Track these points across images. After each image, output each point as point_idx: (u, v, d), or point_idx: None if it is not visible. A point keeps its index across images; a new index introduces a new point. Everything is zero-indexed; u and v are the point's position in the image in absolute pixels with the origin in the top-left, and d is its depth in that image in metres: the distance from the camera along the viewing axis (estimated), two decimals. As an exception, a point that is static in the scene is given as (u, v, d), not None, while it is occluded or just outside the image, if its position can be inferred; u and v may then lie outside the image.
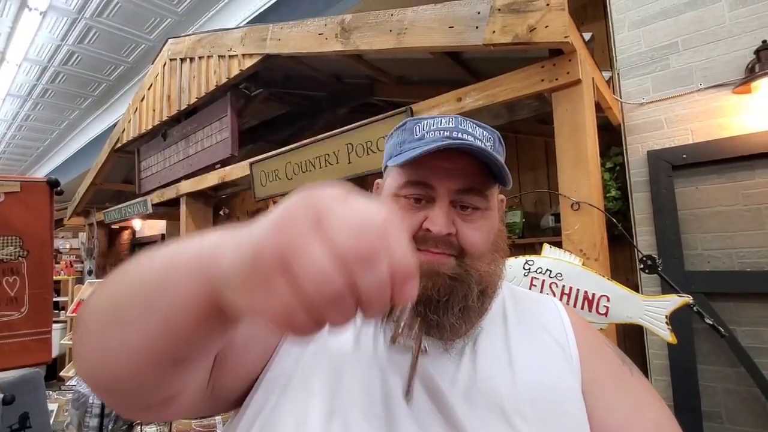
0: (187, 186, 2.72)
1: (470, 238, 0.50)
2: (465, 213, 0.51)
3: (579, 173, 1.19)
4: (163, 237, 4.76)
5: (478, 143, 0.50)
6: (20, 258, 0.76)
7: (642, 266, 1.11)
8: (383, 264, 0.24)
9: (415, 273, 0.26)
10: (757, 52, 1.62)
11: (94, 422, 2.20)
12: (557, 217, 2.41)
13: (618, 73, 1.98)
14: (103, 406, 2.22)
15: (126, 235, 5.67)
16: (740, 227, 1.71)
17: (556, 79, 1.28)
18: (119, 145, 3.32)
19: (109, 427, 2.21)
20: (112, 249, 5.41)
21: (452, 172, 0.50)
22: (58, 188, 0.86)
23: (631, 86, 1.95)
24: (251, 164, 2.16)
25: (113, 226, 5.27)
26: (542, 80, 1.31)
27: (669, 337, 1.07)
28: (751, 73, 1.62)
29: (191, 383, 0.42)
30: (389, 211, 0.26)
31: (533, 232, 2.66)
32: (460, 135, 0.51)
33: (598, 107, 1.66)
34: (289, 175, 1.95)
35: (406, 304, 0.26)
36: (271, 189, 2.06)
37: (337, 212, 0.24)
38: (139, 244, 5.18)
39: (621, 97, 1.96)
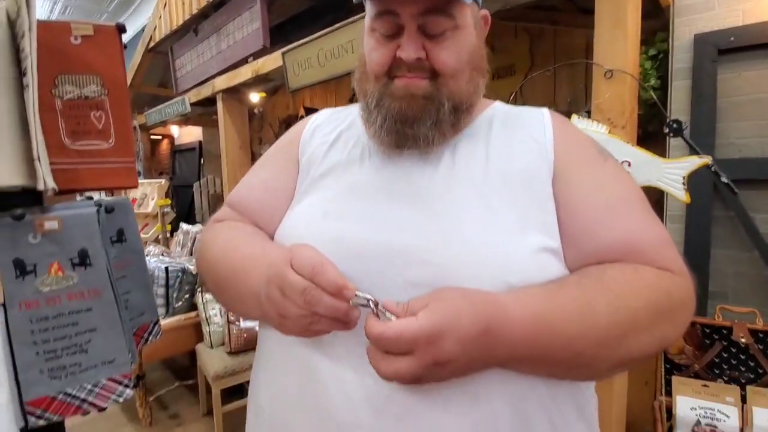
0: (222, 82, 2.78)
1: (440, 58, 0.52)
2: (434, 34, 0.52)
3: (616, 37, 1.17)
4: (200, 144, 4.95)
5: None
6: (103, 96, 0.86)
7: (667, 130, 1.14)
8: (323, 298, 0.43)
9: (344, 285, 0.43)
10: None
11: (161, 291, 2.55)
12: (589, 113, 2.37)
13: (675, -55, 1.81)
14: (167, 278, 2.56)
15: (165, 144, 5.92)
16: (777, 114, 1.66)
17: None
18: (152, 43, 3.35)
19: (174, 296, 2.56)
20: (155, 157, 5.70)
21: None
22: (125, 35, 0.94)
23: (687, -41, 1.78)
24: (283, 54, 2.18)
25: (153, 136, 5.50)
26: (587, -61, 1.24)
27: (683, 196, 1.14)
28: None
29: None
30: (316, 264, 0.44)
31: (564, 131, 2.64)
32: None
33: (647, -20, 1.55)
34: (322, 63, 1.97)
35: (354, 297, 0.44)
36: (305, 78, 2.10)
37: (289, 285, 0.44)
38: (178, 151, 5.43)
39: (675, -27, 1.80)
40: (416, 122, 0.54)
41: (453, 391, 0.47)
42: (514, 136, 0.59)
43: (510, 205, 0.52)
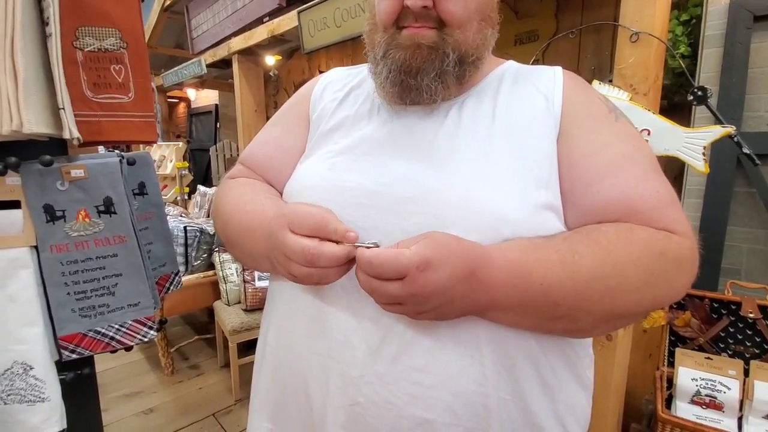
0: (238, 43, 2.75)
1: (447, 7, 0.52)
2: None
3: (644, -1, 1.11)
4: (216, 108, 4.96)
5: None
6: (122, 49, 0.86)
7: (691, 97, 1.10)
8: (323, 253, 0.46)
9: (348, 228, 0.46)
10: None
11: (180, 250, 2.63)
12: (612, 82, 2.29)
13: None
14: (186, 238, 2.64)
15: (182, 107, 5.94)
16: (814, 85, 1.58)
17: None
18: (168, 2, 3.31)
19: (193, 255, 2.65)
20: (172, 120, 5.75)
21: None
22: (141, -12, 0.93)
23: None
24: (299, 13, 2.14)
25: (170, 99, 5.52)
26: None
27: (702, 167, 1.12)
28: None
29: None
30: (317, 217, 0.47)
31: (585, 101, 2.56)
32: None
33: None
34: (338, 23, 1.93)
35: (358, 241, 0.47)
36: (320, 39, 2.07)
37: (291, 249, 0.48)
38: (195, 114, 5.46)
39: (716, -70, 1.69)
40: (420, 73, 0.54)
41: (443, 337, 0.49)
42: (522, 91, 0.58)
43: (512, 161, 0.52)
